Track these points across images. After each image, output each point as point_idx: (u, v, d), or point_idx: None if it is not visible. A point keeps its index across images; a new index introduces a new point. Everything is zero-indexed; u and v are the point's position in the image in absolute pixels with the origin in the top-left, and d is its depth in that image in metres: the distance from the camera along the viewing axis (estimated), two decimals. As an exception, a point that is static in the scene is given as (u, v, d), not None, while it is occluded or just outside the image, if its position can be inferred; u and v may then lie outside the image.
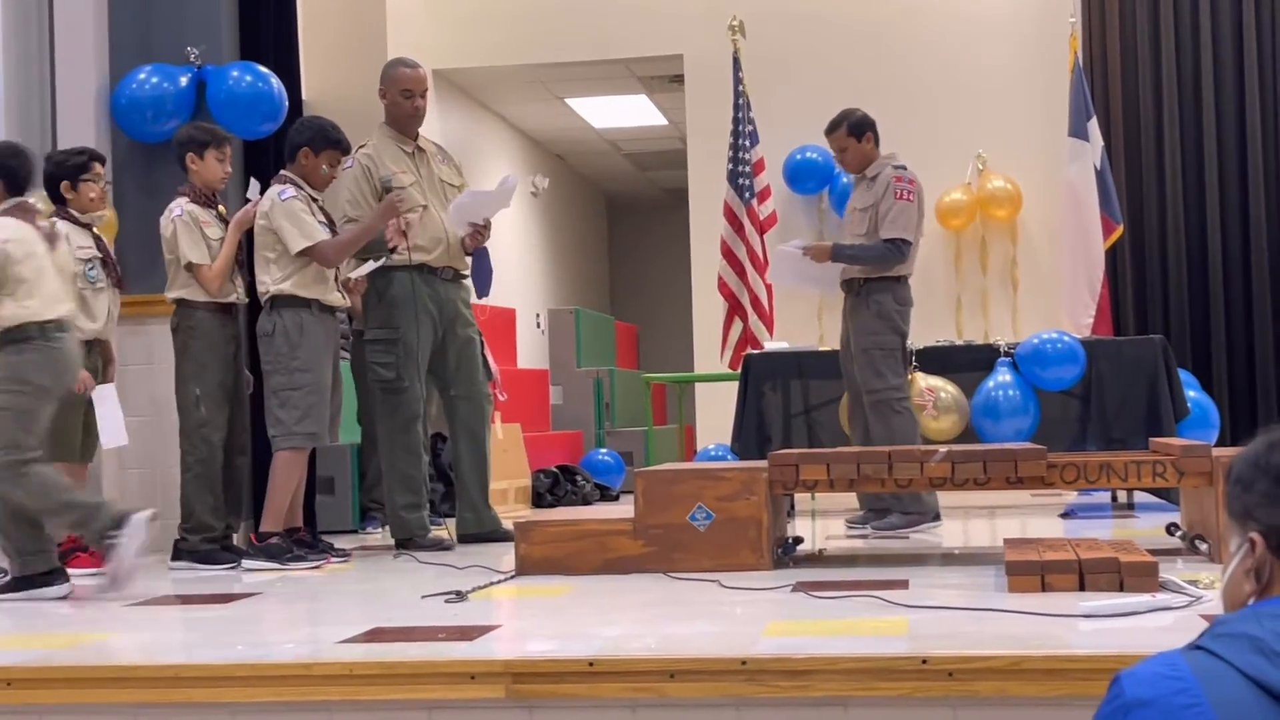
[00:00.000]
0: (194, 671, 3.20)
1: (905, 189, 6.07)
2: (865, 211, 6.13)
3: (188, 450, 5.57)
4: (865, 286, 6.11)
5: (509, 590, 4.51)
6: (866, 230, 6.09)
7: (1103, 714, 1.50)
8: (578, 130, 13.04)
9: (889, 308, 6.08)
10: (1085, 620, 3.42)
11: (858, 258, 6.07)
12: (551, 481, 8.57)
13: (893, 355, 6.10)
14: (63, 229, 5.22)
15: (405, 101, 6.03)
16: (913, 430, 6.10)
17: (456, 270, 6.06)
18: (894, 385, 6.08)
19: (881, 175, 6.12)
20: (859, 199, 6.22)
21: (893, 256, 6.04)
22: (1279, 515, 1.53)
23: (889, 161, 6.18)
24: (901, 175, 6.10)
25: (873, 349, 6.07)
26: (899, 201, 6.04)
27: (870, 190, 6.14)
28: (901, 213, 6.04)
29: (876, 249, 6.03)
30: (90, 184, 5.44)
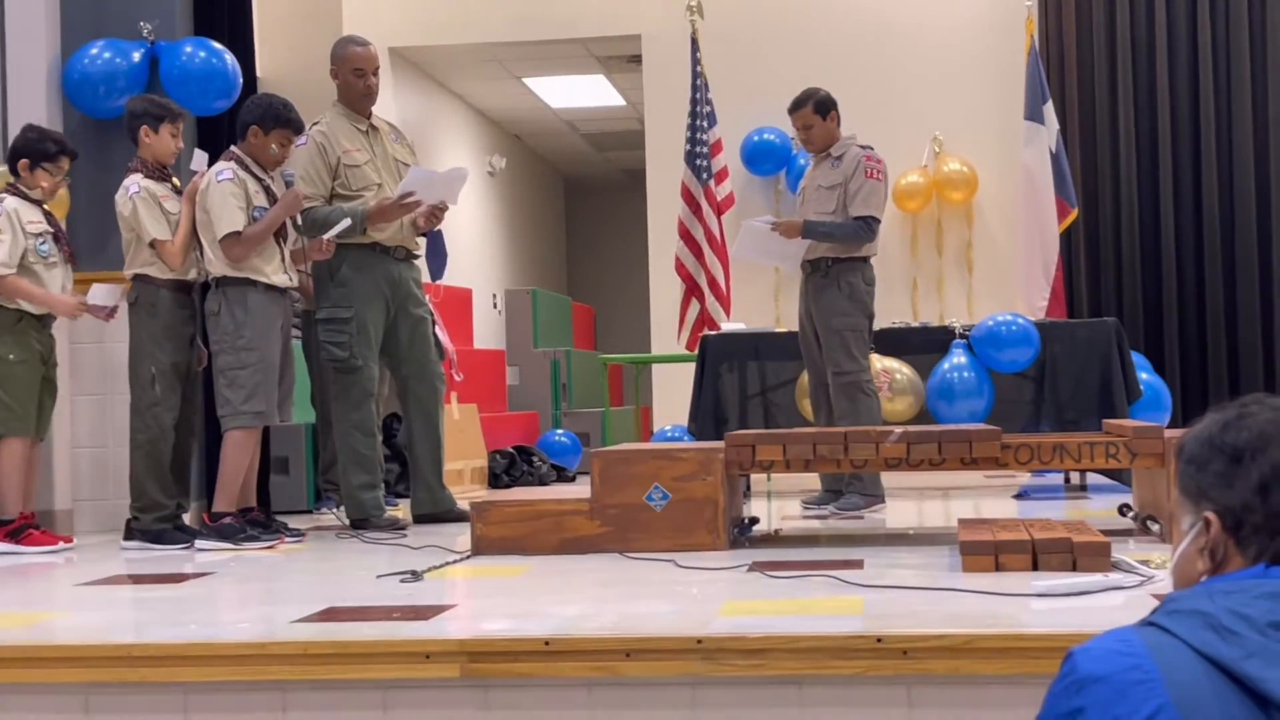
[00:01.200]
0: (146, 651, 3.18)
1: (875, 168, 6.08)
2: (832, 190, 6.11)
3: (139, 429, 5.52)
4: (834, 267, 6.10)
5: (465, 570, 4.50)
6: (834, 208, 6.08)
7: (1056, 690, 1.51)
8: (535, 110, 12.99)
9: (859, 289, 6.08)
10: (1038, 599, 3.44)
11: (831, 235, 6.06)
12: (508, 462, 8.55)
13: (862, 337, 6.11)
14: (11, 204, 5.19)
15: (357, 80, 5.99)
16: (878, 412, 6.11)
17: (409, 250, 6.03)
18: (863, 366, 6.10)
19: (849, 154, 6.12)
20: (823, 177, 6.19)
21: (864, 235, 6.03)
22: (1234, 495, 1.53)
23: (853, 141, 6.18)
24: (871, 154, 6.11)
25: (845, 330, 6.07)
26: (869, 180, 6.04)
27: (837, 169, 6.13)
28: (872, 192, 6.04)
29: (849, 226, 6.03)
30: (46, 174, 5.41)
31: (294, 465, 7.02)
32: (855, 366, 6.06)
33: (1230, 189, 8.75)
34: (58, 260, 5.48)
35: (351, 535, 5.68)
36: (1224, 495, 1.54)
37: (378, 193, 5.89)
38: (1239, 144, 8.72)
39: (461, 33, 10.04)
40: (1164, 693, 1.41)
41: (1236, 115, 8.73)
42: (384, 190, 5.91)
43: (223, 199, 5.44)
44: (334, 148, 5.89)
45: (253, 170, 5.57)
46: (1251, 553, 1.51)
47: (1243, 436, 1.55)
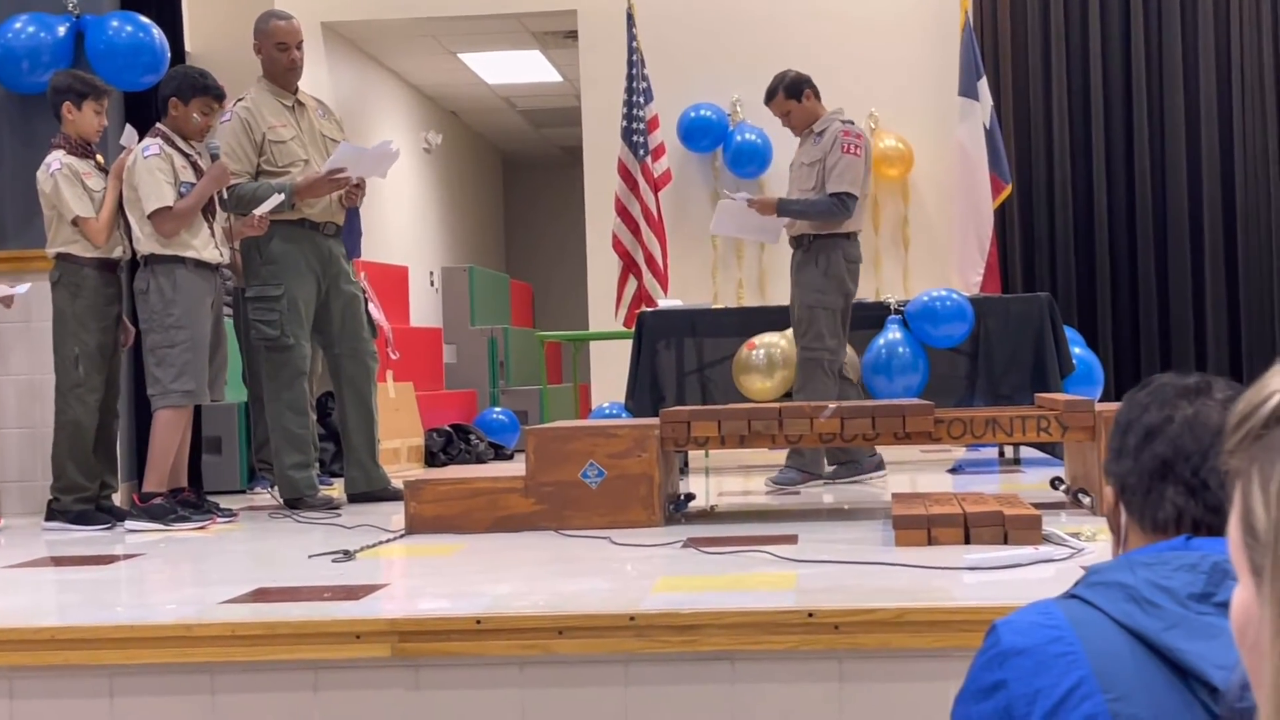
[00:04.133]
0: (70, 634, 3.13)
1: (852, 143, 6.05)
2: (812, 166, 6.08)
3: (62, 409, 5.44)
4: (815, 243, 6.07)
5: (398, 549, 4.47)
6: (814, 185, 6.05)
7: (979, 663, 1.51)
8: (471, 86, 12.90)
9: (838, 266, 6.06)
10: (969, 573, 3.47)
11: (804, 212, 6.03)
12: (445, 440, 8.51)
13: (834, 316, 6.08)
14: None
15: (281, 55, 5.92)
16: (830, 393, 6.08)
17: (338, 225, 5.97)
18: (829, 346, 6.06)
19: (829, 129, 6.09)
20: (806, 154, 6.17)
21: (838, 211, 6.00)
22: (1120, 463, 1.56)
23: (836, 116, 6.16)
24: (849, 130, 6.08)
25: (817, 307, 6.05)
26: (845, 155, 6.01)
27: (817, 145, 6.10)
28: (848, 167, 6.01)
29: (822, 203, 5.99)
30: None
31: (227, 445, 6.95)
32: (819, 344, 6.04)
33: (1162, 164, 8.83)
34: None
35: (285, 515, 5.63)
36: (1115, 465, 1.58)
37: (304, 169, 5.82)
38: (1170, 119, 8.80)
39: (396, 7, 9.94)
40: (1085, 664, 1.41)
41: (1168, 90, 8.80)
42: (311, 166, 5.84)
43: (150, 174, 5.36)
44: (259, 123, 5.81)
45: (179, 145, 5.49)
46: (1136, 518, 1.54)
47: (1126, 407, 1.58)
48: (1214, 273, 8.77)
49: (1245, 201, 8.76)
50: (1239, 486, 0.83)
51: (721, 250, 9.00)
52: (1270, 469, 0.80)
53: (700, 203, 9.07)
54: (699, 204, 9.07)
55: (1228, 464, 0.84)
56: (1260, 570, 0.81)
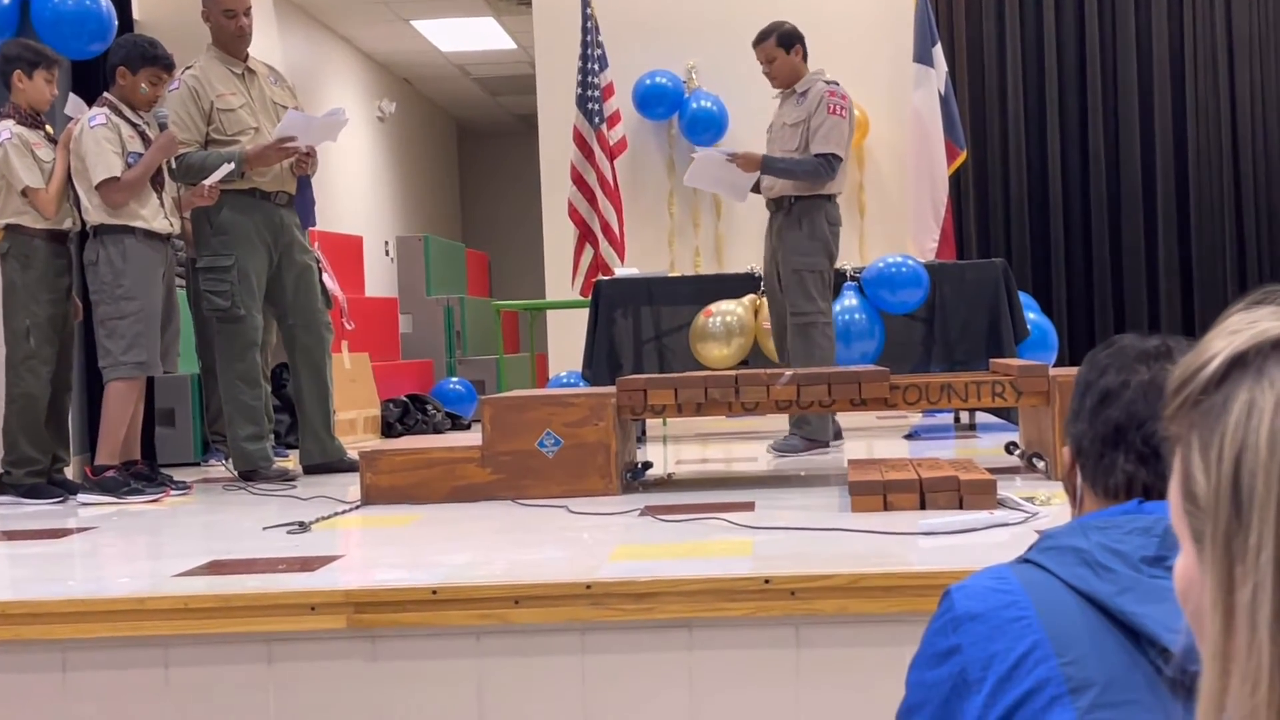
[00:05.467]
0: (22, 608, 3.09)
1: (838, 104, 6.01)
2: (796, 127, 6.04)
3: (13, 383, 5.37)
4: (797, 205, 6.03)
5: (353, 520, 4.44)
6: (798, 145, 6.00)
7: (933, 628, 1.51)
8: (424, 54, 12.81)
9: (822, 229, 6.04)
10: (924, 538, 3.48)
11: (790, 171, 5.98)
12: (401, 411, 8.47)
13: (821, 278, 6.07)
14: None
15: (229, 22, 5.84)
16: (832, 353, 6.07)
17: (290, 195, 5.91)
18: (821, 309, 6.05)
19: (813, 90, 6.05)
20: (788, 114, 6.12)
21: (824, 172, 5.96)
22: (1076, 426, 1.56)
23: (819, 76, 6.12)
24: (834, 90, 6.04)
25: (804, 270, 6.02)
26: (831, 116, 5.97)
27: (801, 105, 6.05)
28: (834, 128, 5.97)
29: (809, 163, 5.95)
30: None
31: (180, 417, 6.90)
32: (812, 308, 6.02)
33: (1116, 130, 8.87)
34: None
35: (239, 487, 5.59)
36: (1072, 427, 1.57)
37: (254, 137, 5.76)
38: (1124, 84, 8.83)
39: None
40: (1039, 629, 1.41)
41: (1122, 56, 8.84)
42: (261, 134, 5.78)
43: (97, 145, 5.29)
44: (207, 91, 5.74)
45: (126, 115, 5.42)
46: (1089, 481, 1.54)
47: (1086, 369, 1.58)
48: (1166, 237, 8.83)
49: (1198, 166, 8.82)
50: (1179, 452, 0.83)
51: (678, 218, 8.98)
52: (1209, 435, 0.80)
53: (656, 170, 9.05)
54: (655, 172, 9.05)
55: (1167, 429, 0.84)
56: (1200, 537, 0.80)
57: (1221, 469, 0.79)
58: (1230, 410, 0.79)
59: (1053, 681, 1.38)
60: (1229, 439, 0.79)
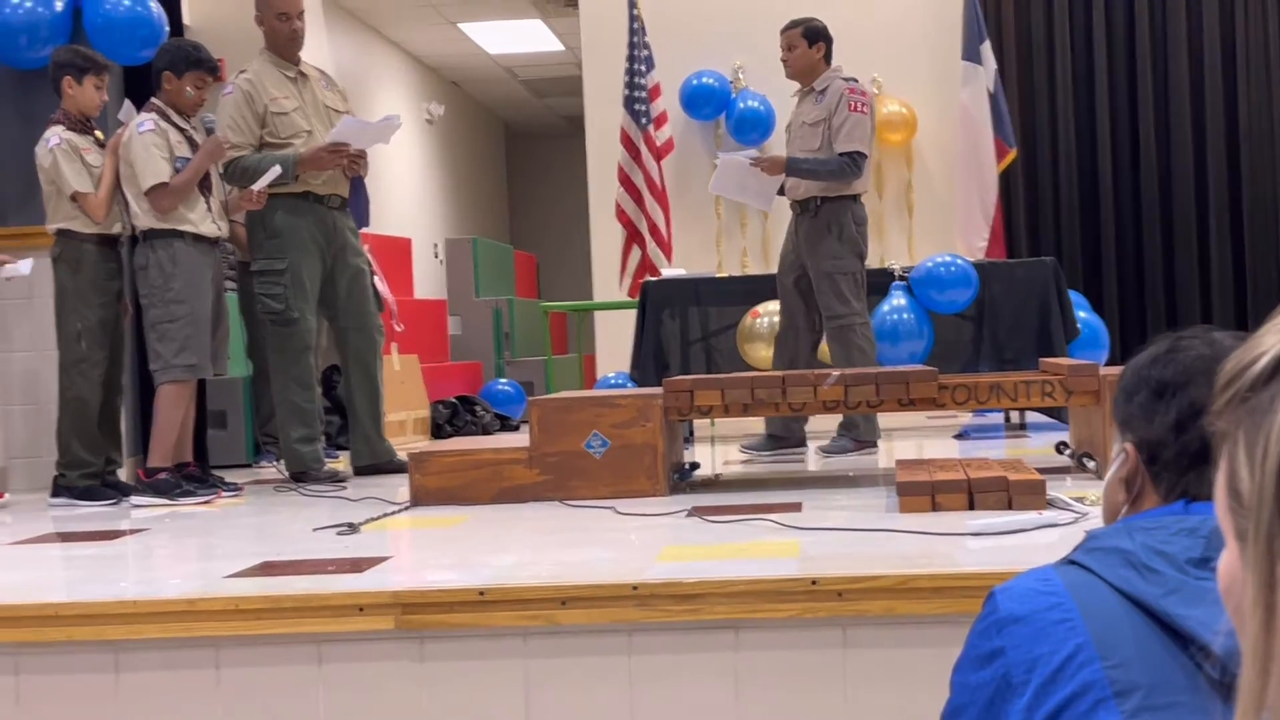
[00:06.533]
0: (76, 610, 3.13)
1: (859, 101, 5.95)
2: (816, 125, 5.98)
3: (66, 386, 5.44)
4: (824, 207, 5.97)
5: (402, 521, 4.47)
6: (819, 145, 5.96)
7: (977, 630, 1.50)
8: (473, 56, 12.86)
9: (850, 230, 5.98)
10: (973, 539, 3.46)
11: (815, 172, 5.91)
12: (450, 412, 8.51)
13: (854, 279, 6.02)
14: None
15: (282, 25, 5.89)
16: (873, 355, 6.04)
17: (343, 198, 5.95)
18: (857, 310, 6.01)
19: (832, 87, 6.00)
20: (807, 113, 6.07)
21: (850, 171, 5.90)
22: (1152, 429, 1.53)
23: (837, 74, 6.07)
24: (854, 87, 5.99)
25: (835, 273, 5.97)
26: (853, 114, 5.91)
27: (820, 104, 6.00)
28: (856, 125, 5.92)
29: (833, 162, 5.89)
30: None
31: (232, 419, 6.95)
32: (847, 309, 5.98)
33: (1167, 126, 8.79)
34: None
35: (290, 489, 5.63)
36: (1144, 428, 1.54)
37: (307, 140, 5.80)
38: (1175, 80, 8.75)
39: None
40: (1083, 631, 1.41)
41: (1173, 52, 8.75)
42: (314, 138, 5.82)
43: (145, 150, 5.34)
44: (261, 95, 5.79)
45: (174, 120, 5.48)
46: (1163, 488, 1.51)
47: (1168, 371, 1.54)
48: (1219, 233, 8.74)
49: (1250, 163, 8.72)
50: (1225, 449, 0.82)
51: (725, 219, 8.97)
52: (1255, 432, 0.79)
53: (703, 171, 9.04)
54: (702, 172, 9.04)
55: (1214, 425, 0.83)
56: (1244, 534, 0.80)
57: (1266, 467, 0.78)
58: (1277, 409, 0.79)
59: (1098, 684, 1.37)
60: (1274, 437, 0.78)
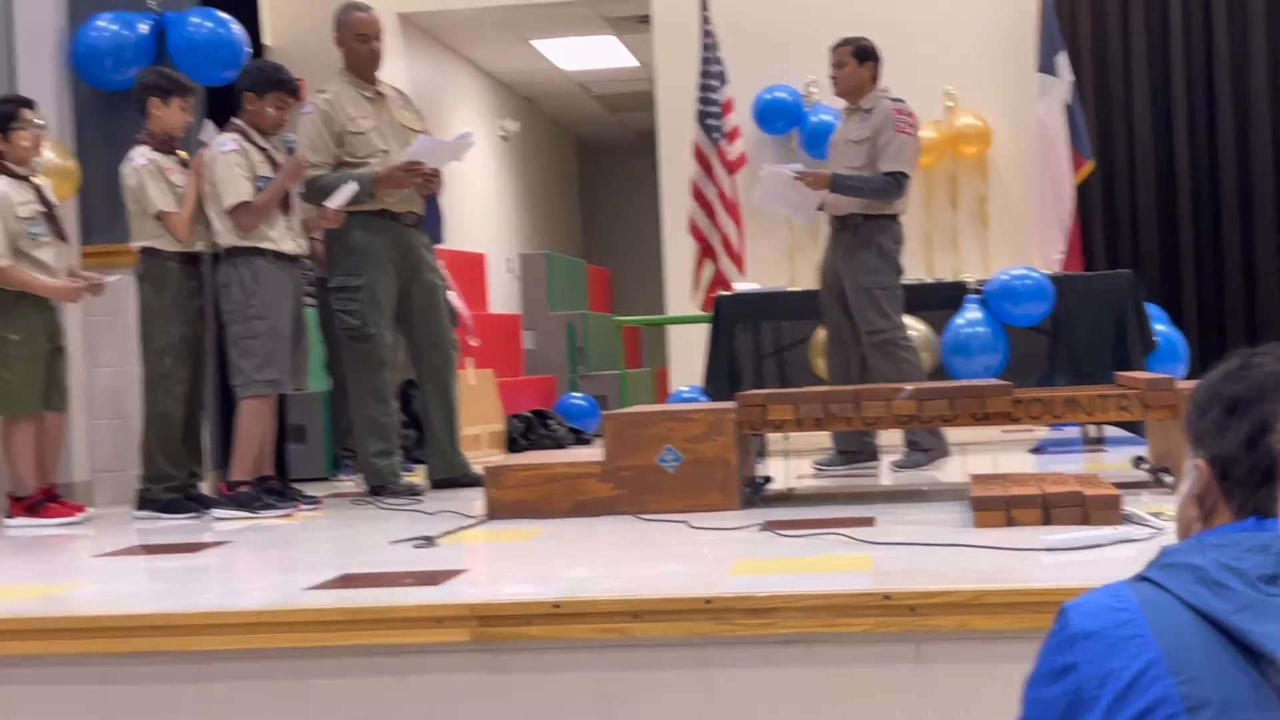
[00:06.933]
0: (160, 621, 3.20)
1: (905, 122, 5.97)
2: (861, 144, 6.01)
3: (150, 401, 5.55)
4: (864, 224, 5.99)
5: (478, 534, 4.51)
6: (863, 163, 5.98)
7: (1049, 645, 1.51)
8: (546, 73, 12.95)
9: (889, 247, 6.01)
10: (1048, 554, 3.44)
11: (859, 189, 5.94)
12: (525, 426, 8.57)
13: (894, 294, 6.03)
14: None
15: (361, 46, 5.98)
16: (919, 368, 6.02)
17: (418, 215, 6.02)
18: (898, 324, 6.02)
19: (879, 108, 6.02)
20: (852, 130, 6.10)
21: (893, 190, 5.93)
22: (1225, 445, 1.53)
23: (885, 95, 6.09)
24: (901, 108, 6.01)
25: (875, 288, 5.99)
26: (899, 135, 5.93)
27: (866, 122, 6.03)
28: (902, 146, 5.94)
29: (877, 181, 5.92)
30: (21, 132, 5.35)
31: (311, 433, 7.05)
32: (888, 324, 5.98)
33: (1245, 137, 8.67)
34: (49, 239, 5.45)
35: (368, 502, 5.70)
36: (1216, 444, 1.53)
37: (384, 159, 5.89)
38: (1254, 91, 8.63)
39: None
40: (1155, 647, 1.41)
41: (1253, 62, 8.65)
42: (391, 157, 5.90)
43: (227, 170, 5.45)
44: (339, 115, 5.88)
45: (255, 140, 5.58)
46: (1235, 504, 1.51)
47: (1240, 387, 1.54)
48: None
49: (1333, 173, 8.59)
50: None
51: (798, 233, 8.96)
52: None
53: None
54: (775, 186, 9.03)
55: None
56: None
57: None
58: None
59: (1169, 700, 1.38)
60: None
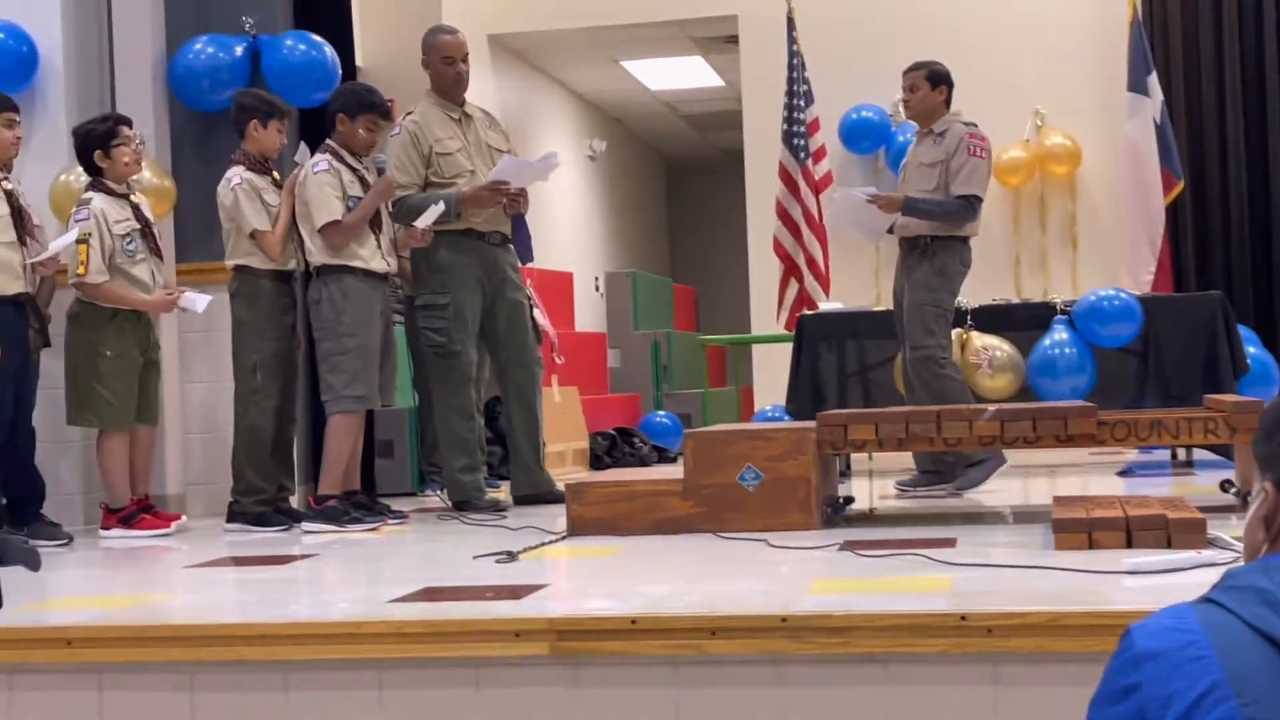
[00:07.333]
0: (247, 630, 3.27)
1: (978, 145, 5.98)
2: (934, 167, 6.01)
3: (241, 415, 5.66)
4: (933, 245, 5.99)
5: (559, 550, 4.56)
6: (936, 186, 5.98)
7: (1113, 666, 1.52)
8: (634, 93, 13.03)
9: (953, 268, 5.99)
10: (1129, 577, 3.42)
11: (932, 212, 5.95)
12: (609, 443, 8.61)
13: (945, 316, 6.03)
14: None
15: (447, 68, 6.07)
16: (961, 387, 6.01)
17: (504, 235, 6.10)
18: (942, 344, 6.01)
19: (952, 130, 6.02)
20: (925, 154, 6.10)
21: (966, 213, 5.94)
22: None
23: (957, 118, 6.09)
24: (974, 131, 6.01)
25: (927, 305, 5.99)
26: (972, 158, 5.94)
27: (939, 146, 6.03)
28: (975, 169, 5.95)
29: (950, 204, 5.93)
30: (122, 149, 5.50)
31: (398, 448, 7.15)
32: (931, 341, 5.97)
33: (1342, 157, 8.54)
34: (145, 255, 5.59)
35: (453, 517, 5.77)
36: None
37: (470, 179, 5.97)
38: (1351, 111, 8.50)
39: (559, 18, 10.10)
40: (1218, 669, 1.41)
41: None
42: (477, 177, 5.98)
43: (320, 189, 5.56)
44: (426, 136, 5.98)
45: (347, 160, 5.68)
46: None
47: None
48: (1399, 267, 8.45)
49: None
50: None
51: (884, 252, 8.94)
52: None
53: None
54: (861, 206, 9.02)
55: None
56: None
57: None
58: None
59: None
60: None
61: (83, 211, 5.43)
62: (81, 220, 5.41)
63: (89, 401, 5.49)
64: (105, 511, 5.57)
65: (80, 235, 5.38)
